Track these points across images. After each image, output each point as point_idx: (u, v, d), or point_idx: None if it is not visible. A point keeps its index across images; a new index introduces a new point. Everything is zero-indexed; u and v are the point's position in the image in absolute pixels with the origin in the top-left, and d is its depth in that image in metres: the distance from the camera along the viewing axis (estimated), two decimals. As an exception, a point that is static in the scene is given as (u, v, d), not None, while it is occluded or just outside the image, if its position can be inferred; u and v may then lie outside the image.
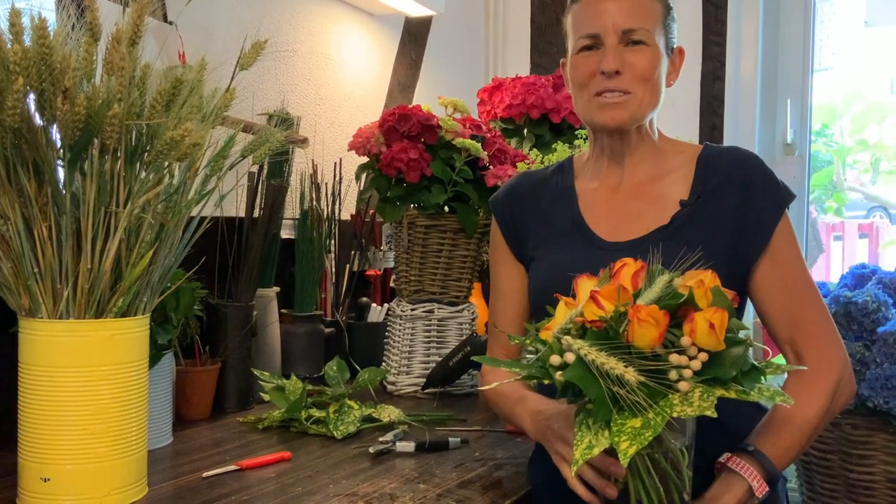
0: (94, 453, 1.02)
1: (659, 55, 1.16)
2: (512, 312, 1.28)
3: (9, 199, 0.98)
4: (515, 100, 2.05)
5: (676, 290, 0.88)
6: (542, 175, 1.30)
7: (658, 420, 0.81)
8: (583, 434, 0.86)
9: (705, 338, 0.84)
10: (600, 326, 0.87)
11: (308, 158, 1.97)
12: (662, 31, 1.17)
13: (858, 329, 1.77)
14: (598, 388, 0.84)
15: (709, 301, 0.87)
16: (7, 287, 1.02)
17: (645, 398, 0.82)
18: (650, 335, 0.84)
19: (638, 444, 0.80)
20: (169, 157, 0.99)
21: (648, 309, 0.83)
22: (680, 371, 0.83)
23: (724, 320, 0.84)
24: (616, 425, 0.83)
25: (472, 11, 2.75)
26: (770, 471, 1.00)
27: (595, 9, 1.15)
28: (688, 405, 0.82)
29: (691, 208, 1.15)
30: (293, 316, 1.79)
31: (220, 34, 1.78)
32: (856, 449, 1.77)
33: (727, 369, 0.84)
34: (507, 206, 1.29)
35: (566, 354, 0.86)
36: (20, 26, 0.95)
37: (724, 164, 1.16)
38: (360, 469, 1.24)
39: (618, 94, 1.14)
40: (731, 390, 0.84)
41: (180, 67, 1.07)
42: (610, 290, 0.88)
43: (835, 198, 3.85)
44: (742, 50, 2.49)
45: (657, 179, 1.20)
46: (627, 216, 1.18)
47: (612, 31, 1.14)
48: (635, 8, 1.14)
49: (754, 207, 1.13)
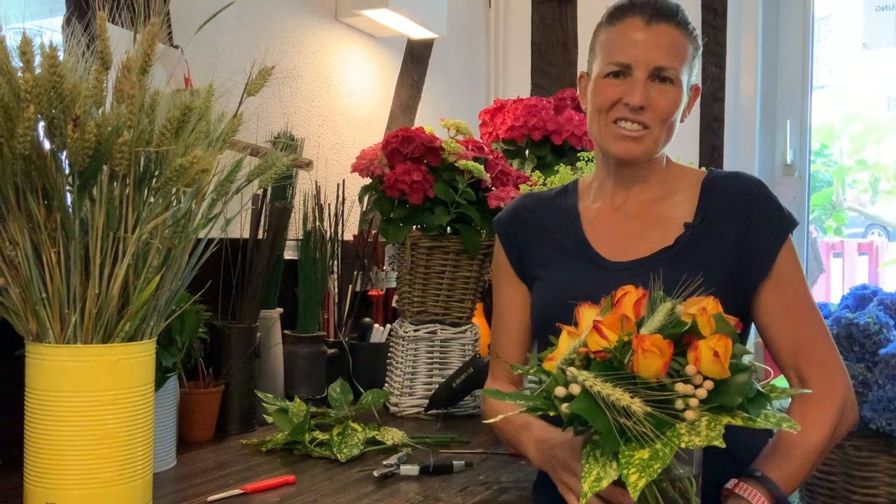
0: (100, 478, 1.02)
1: (682, 95, 1.16)
2: (515, 332, 1.28)
3: (18, 224, 0.99)
4: (517, 121, 2.06)
5: (679, 318, 0.87)
6: (547, 196, 1.31)
7: (666, 451, 0.81)
8: (591, 466, 0.85)
9: (710, 366, 0.84)
10: (604, 357, 0.87)
11: (311, 179, 1.98)
12: (688, 70, 1.17)
13: (860, 351, 1.77)
14: (604, 420, 0.83)
15: (712, 328, 0.87)
16: (15, 312, 1.03)
17: (652, 429, 0.82)
18: (655, 365, 0.84)
19: (647, 476, 0.80)
20: (178, 184, 1.00)
21: (652, 338, 0.83)
22: (686, 400, 0.83)
23: (729, 348, 0.84)
24: (624, 457, 0.82)
25: (474, 34, 2.77)
26: (778, 496, 1.01)
27: (630, 38, 1.14)
28: (695, 435, 0.82)
29: (695, 231, 1.16)
30: (296, 337, 1.79)
31: (225, 57, 1.80)
32: (858, 471, 1.77)
33: (733, 396, 0.84)
34: (511, 227, 1.29)
35: (571, 386, 0.86)
36: (31, 54, 0.96)
37: (729, 189, 1.17)
38: (364, 493, 1.24)
39: (637, 126, 1.15)
40: (737, 417, 0.84)
41: (186, 91, 1.08)
42: (613, 320, 0.88)
43: (834, 217, 3.87)
44: (741, 71, 2.51)
45: (661, 201, 1.21)
46: (630, 236, 1.19)
47: (644, 65, 1.13)
48: (671, 46, 1.14)
49: (757, 233, 1.14)
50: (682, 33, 1.16)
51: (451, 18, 2.38)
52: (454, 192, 1.76)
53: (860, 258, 3.68)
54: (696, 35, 1.19)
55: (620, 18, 1.16)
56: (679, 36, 1.15)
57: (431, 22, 2.24)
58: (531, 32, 2.79)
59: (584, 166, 1.83)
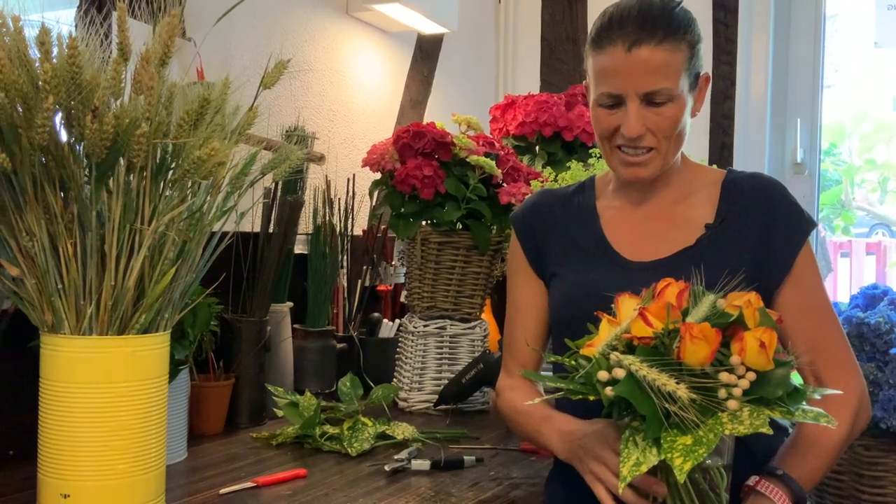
0: (114, 469, 1.02)
1: (684, 103, 1.12)
2: (530, 328, 1.28)
3: (35, 215, 0.99)
4: (528, 117, 2.06)
5: (723, 311, 0.89)
6: (564, 193, 1.31)
7: (711, 437, 0.82)
8: (630, 451, 0.86)
9: (755, 357, 0.85)
10: (649, 343, 0.88)
11: (321, 174, 1.98)
12: (688, 74, 1.12)
13: (871, 350, 1.77)
14: (649, 405, 0.84)
15: (756, 321, 0.88)
16: (30, 303, 1.03)
17: (697, 415, 0.82)
18: (702, 353, 0.85)
19: (693, 459, 0.81)
20: (195, 176, 0.99)
21: (701, 327, 0.85)
22: (729, 389, 0.84)
23: (774, 340, 0.86)
24: (666, 442, 0.83)
25: (484, 29, 2.77)
26: (798, 494, 1.01)
27: (615, 68, 1.09)
28: (738, 423, 0.83)
29: (716, 231, 1.15)
30: (306, 331, 1.79)
31: (237, 51, 1.79)
32: (868, 470, 1.77)
33: (774, 389, 0.85)
34: (528, 223, 1.29)
35: (615, 370, 0.87)
36: (49, 45, 0.95)
37: (749, 190, 1.17)
38: (375, 487, 1.24)
39: (642, 151, 1.13)
40: (776, 410, 0.85)
41: (199, 84, 1.08)
42: (658, 308, 0.89)
43: (843, 217, 3.86)
44: (752, 68, 2.50)
45: (681, 201, 1.20)
46: (650, 236, 1.18)
47: (634, 93, 1.09)
48: (658, 68, 1.08)
49: (777, 234, 1.14)
50: (668, 47, 1.08)
51: (462, 14, 2.38)
52: (465, 188, 1.76)
53: (868, 258, 3.67)
54: (690, 31, 1.11)
55: (603, 46, 1.10)
56: (664, 53, 1.08)
57: (442, 17, 2.24)
58: (541, 28, 2.79)
59: (596, 163, 1.83)
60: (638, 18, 1.09)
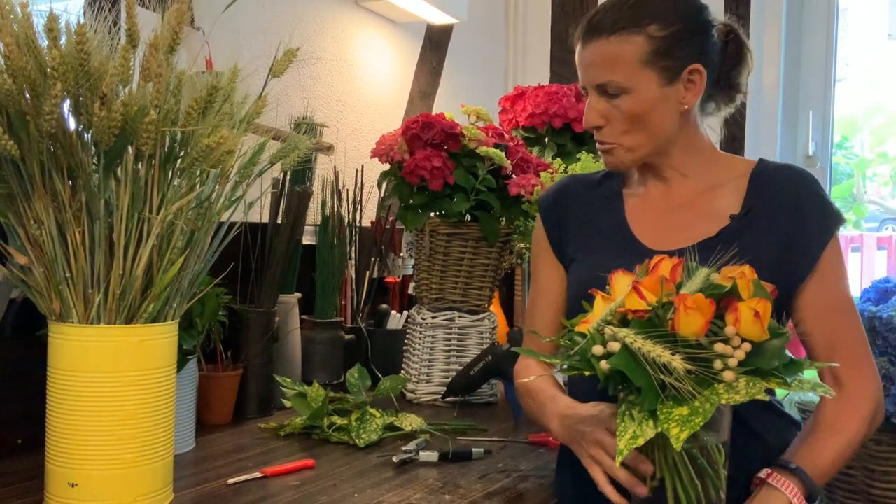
0: (121, 459, 1.02)
1: (646, 97, 1.11)
2: (550, 312, 1.27)
3: (43, 203, 0.98)
4: (538, 108, 2.04)
5: (717, 283, 0.88)
6: (592, 179, 1.30)
7: (707, 406, 0.81)
8: (626, 425, 0.86)
9: (750, 327, 0.85)
10: (643, 317, 0.87)
11: (330, 165, 1.97)
12: (652, 67, 1.10)
13: (883, 344, 1.75)
14: (645, 376, 0.84)
15: (751, 292, 0.88)
16: (38, 291, 1.02)
17: (693, 385, 0.82)
18: (696, 324, 0.84)
19: (689, 428, 0.81)
20: (203, 164, 0.99)
21: (695, 297, 0.84)
22: (725, 360, 0.84)
23: (769, 310, 0.85)
24: (662, 414, 0.83)
25: (493, 20, 2.75)
26: (811, 488, 1.00)
27: (578, 62, 1.17)
28: (734, 392, 0.83)
29: (740, 222, 1.14)
30: (314, 322, 1.78)
31: (245, 40, 1.79)
32: (879, 465, 1.75)
33: (769, 360, 0.85)
34: (553, 207, 1.29)
35: (610, 344, 0.87)
36: (58, 31, 0.95)
37: (777, 182, 1.15)
38: (384, 478, 1.23)
39: (606, 144, 1.16)
40: (772, 381, 0.84)
41: (208, 73, 1.07)
42: (652, 282, 0.89)
43: (854, 210, 3.83)
44: (764, 61, 2.48)
45: (708, 191, 1.19)
46: (674, 226, 1.17)
47: (590, 85, 1.15)
48: (604, 60, 1.11)
49: (804, 228, 1.11)
50: (617, 40, 1.10)
51: (472, 4, 2.37)
52: (474, 179, 1.75)
53: (879, 252, 3.64)
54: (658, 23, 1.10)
55: (574, 42, 1.18)
56: (612, 46, 1.10)
57: (451, 7, 2.23)
58: (551, 20, 2.77)
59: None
60: (597, 14, 1.14)
